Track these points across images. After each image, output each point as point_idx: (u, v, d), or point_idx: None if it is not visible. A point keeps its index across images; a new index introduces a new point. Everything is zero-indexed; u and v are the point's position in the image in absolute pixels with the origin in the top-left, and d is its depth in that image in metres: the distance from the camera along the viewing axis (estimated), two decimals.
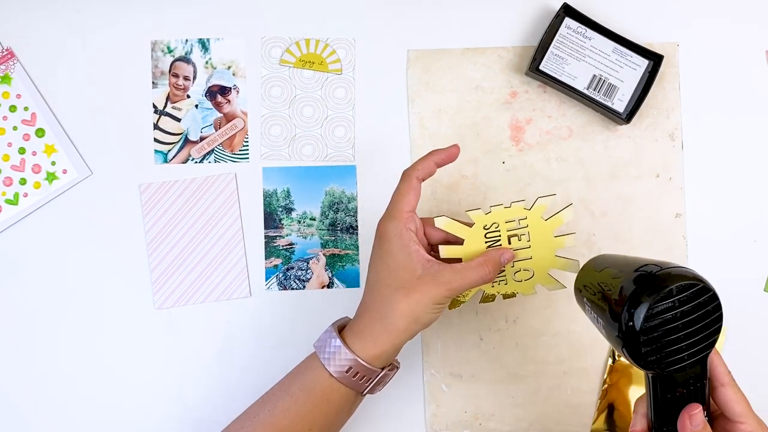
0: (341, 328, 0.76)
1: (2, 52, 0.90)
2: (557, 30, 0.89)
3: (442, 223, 0.78)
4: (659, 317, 0.62)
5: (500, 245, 0.79)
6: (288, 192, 0.91)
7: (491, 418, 0.89)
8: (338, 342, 0.73)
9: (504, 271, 0.80)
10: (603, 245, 0.90)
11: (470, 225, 0.78)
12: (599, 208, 0.90)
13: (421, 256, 0.73)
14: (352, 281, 0.90)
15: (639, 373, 0.88)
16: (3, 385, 0.90)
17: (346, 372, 0.73)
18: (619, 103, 0.88)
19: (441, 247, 0.79)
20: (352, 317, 0.78)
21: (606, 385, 0.89)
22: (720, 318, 0.63)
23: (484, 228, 0.78)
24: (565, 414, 0.89)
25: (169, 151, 0.90)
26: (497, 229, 0.78)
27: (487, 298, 0.82)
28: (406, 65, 0.92)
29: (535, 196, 0.87)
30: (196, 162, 0.90)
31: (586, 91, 0.89)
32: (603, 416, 0.90)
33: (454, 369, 0.90)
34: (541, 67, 0.89)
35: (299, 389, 0.75)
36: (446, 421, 0.89)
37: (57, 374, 0.90)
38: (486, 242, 0.79)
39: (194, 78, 0.91)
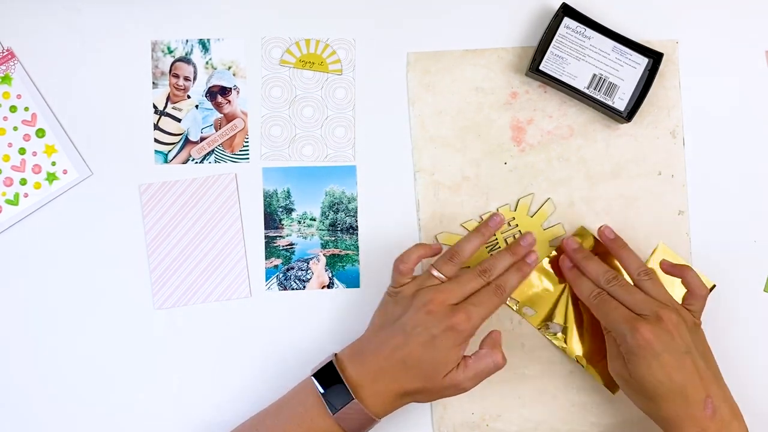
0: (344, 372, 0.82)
1: (2, 52, 0.92)
2: (556, 30, 0.91)
3: (443, 239, 0.91)
4: None
5: (499, 247, 0.91)
6: (288, 192, 0.93)
7: (498, 419, 0.91)
8: (360, 407, 0.79)
9: None
10: None
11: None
12: (602, 207, 0.93)
13: (456, 363, 0.81)
14: (352, 281, 0.93)
15: None
16: (3, 385, 0.92)
17: (356, 426, 0.81)
18: (620, 102, 0.91)
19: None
20: (348, 349, 0.84)
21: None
22: None
23: None
24: (571, 413, 0.91)
25: (170, 151, 0.93)
26: (493, 234, 0.90)
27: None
28: (406, 68, 0.94)
29: (537, 196, 0.93)
30: (196, 162, 0.93)
31: (586, 91, 0.91)
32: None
33: None
34: (541, 68, 0.91)
35: None
36: (453, 422, 0.91)
37: (57, 374, 0.92)
38: (486, 247, 0.92)
39: (194, 78, 0.93)
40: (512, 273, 0.85)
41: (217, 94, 0.94)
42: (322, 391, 0.80)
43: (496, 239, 0.92)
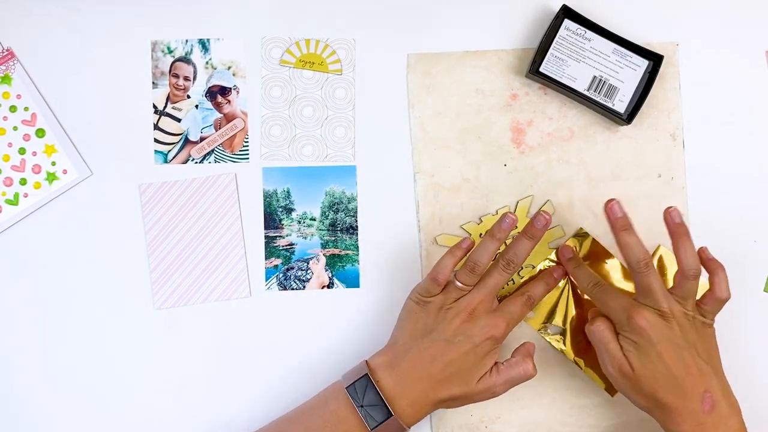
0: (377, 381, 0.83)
1: (2, 52, 0.93)
2: (557, 32, 0.92)
3: (442, 241, 0.93)
4: None
5: (499, 250, 0.90)
6: (288, 192, 0.94)
7: (497, 421, 0.92)
8: (397, 420, 0.81)
9: None
10: (606, 245, 0.93)
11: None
12: (602, 209, 0.93)
13: (490, 368, 0.84)
14: (352, 281, 0.94)
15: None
16: (3, 385, 0.92)
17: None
18: (620, 104, 0.92)
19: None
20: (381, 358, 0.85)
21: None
22: None
23: (480, 237, 0.93)
24: (571, 415, 0.92)
25: (170, 151, 0.94)
26: None
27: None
28: (406, 69, 0.95)
29: (537, 198, 0.94)
30: (196, 162, 0.94)
31: (586, 93, 0.92)
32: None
33: None
34: (541, 69, 0.92)
35: None
36: (452, 424, 0.92)
37: (57, 374, 0.93)
38: None
39: (194, 78, 0.94)
40: (540, 286, 0.89)
41: (217, 94, 0.94)
42: (359, 405, 0.81)
43: None
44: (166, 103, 0.94)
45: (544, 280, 0.89)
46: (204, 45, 0.94)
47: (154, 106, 0.94)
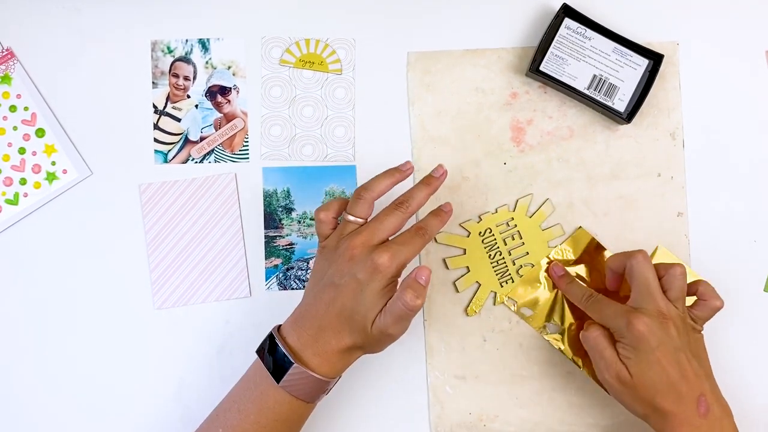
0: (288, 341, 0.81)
1: (2, 52, 0.93)
2: (557, 30, 0.92)
3: (442, 239, 0.93)
4: None
5: (497, 247, 0.93)
6: (288, 192, 0.94)
7: (495, 419, 0.93)
8: (303, 370, 0.78)
9: (508, 270, 0.93)
10: (605, 245, 0.93)
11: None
12: (601, 208, 0.94)
13: (381, 309, 0.79)
14: None
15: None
16: (3, 385, 0.93)
17: (307, 390, 0.80)
18: (620, 103, 0.92)
19: (448, 260, 0.93)
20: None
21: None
22: None
23: (479, 235, 0.93)
24: (569, 414, 0.93)
25: (169, 151, 0.94)
26: (491, 234, 0.93)
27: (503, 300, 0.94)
28: (406, 68, 0.95)
29: (537, 196, 0.94)
30: (196, 162, 0.94)
31: (586, 92, 0.92)
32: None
33: (458, 371, 0.93)
34: (541, 68, 0.92)
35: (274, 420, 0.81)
36: (451, 422, 0.93)
37: (56, 374, 0.93)
38: (484, 247, 0.93)
39: (194, 78, 0.95)
40: (432, 218, 0.83)
41: (217, 93, 0.95)
42: (265, 363, 0.80)
43: (494, 239, 0.93)
44: (166, 103, 0.94)
45: (435, 214, 0.83)
46: (204, 45, 0.95)
47: (154, 106, 0.94)
